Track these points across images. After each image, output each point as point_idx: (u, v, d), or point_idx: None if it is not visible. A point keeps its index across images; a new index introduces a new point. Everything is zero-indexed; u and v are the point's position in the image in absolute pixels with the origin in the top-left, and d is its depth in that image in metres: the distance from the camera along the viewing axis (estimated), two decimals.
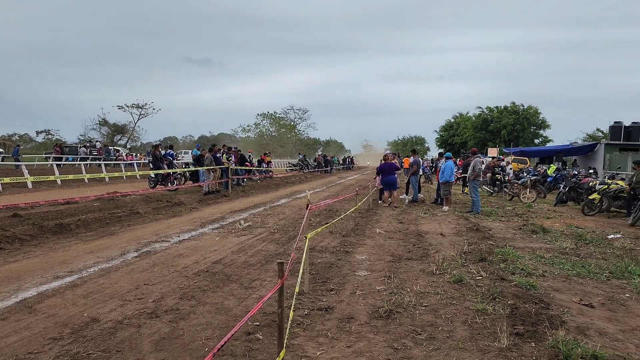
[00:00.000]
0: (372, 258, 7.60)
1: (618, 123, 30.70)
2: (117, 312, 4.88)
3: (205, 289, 5.76)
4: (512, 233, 10.39)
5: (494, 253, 7.79)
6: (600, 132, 49.09)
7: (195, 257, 7.50)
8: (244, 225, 10.70)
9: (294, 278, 5.81)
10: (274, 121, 77.79)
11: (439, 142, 71.27)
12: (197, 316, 4.80)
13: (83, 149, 36.94)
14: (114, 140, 59.38)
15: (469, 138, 59.90)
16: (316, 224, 10.92)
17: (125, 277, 6.22)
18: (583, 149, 32.71)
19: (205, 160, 18.64)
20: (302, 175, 34.81)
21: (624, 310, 5.27)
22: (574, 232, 10.49)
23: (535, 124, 58.11)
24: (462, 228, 10.79)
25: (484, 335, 4.35)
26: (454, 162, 21.54)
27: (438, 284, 6.02)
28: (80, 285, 5.83)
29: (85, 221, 10.32)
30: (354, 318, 4.79)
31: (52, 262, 7.05)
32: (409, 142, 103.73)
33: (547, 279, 6.42)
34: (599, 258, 7.89)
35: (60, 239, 8.83)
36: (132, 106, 62.32)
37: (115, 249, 8.02)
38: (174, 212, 12.90)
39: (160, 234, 9.50)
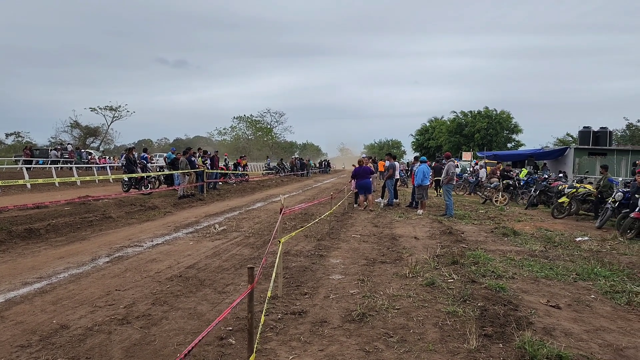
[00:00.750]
0: (347, 262, 7.65)
1: (587, 128, 31.44)
2: (87, 318, 4.82)
3: (178, 294, 5.72)
4: (484, 236, 10.57)
5: (466, 256, 7.92)
6: (570, 137, 50.21)
7: (169, 261, 7.44)
8: (218, 229, 10.65)
9: (268, 282, 5.81)
10: (251, 124, 77.47)
11: (414, 145, 72.00)
12: (170, 322, 4.77)
13: (54, 152, 36.17)
14: (86, 143, 58.25)
15: (444, 142, 60.68)
16: (291, 227, 10.93)
17: (96, 283, 6.14)
18: (553, 153, 33.38)
19: (180, 164, 18.47)
20: (279, 179, 34.75)
21: (589, 311, 5.43)
22: (544, 235, 10.74)
23: (508, 129, 59.19)
24: (435, 231, 10.94)
25: (453, 337, 4.43)
26: (429, 166, 21.76)
27: (411, 287, 6.10)
28: (50, 292, 5.73)
29: (55, 226, 10.13)
30: (327, 322, 4.82)
31: (21, 268, 6.91)
32: (385, 146, 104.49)
33: (516, 281, 6.56)
34: (567, 260, 8.10)
35: (29, 244, 8.65)
36: (105, 108, 61.26)
37: (86, 254, 7.90)
38: (148, 216, 12.75)
39: (133, 238, 9.39)
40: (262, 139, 77.79)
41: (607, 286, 6.37)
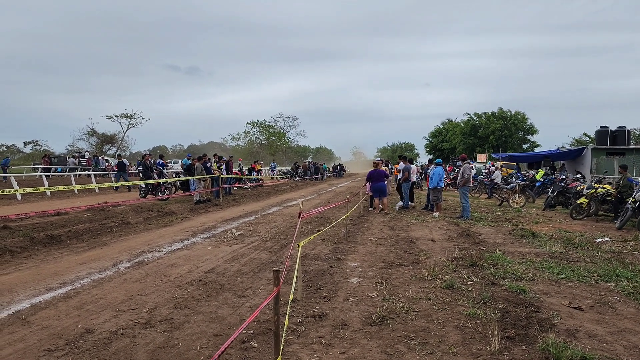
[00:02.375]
0: (364, 265, 7.66)
1: (604, 128, 31.10)
2: (111, 322, 4.89)
3: (199, 298, 5.78)
4: (502, 238, 10.50)
5: (485, 258, 7.88)
6: (587, 137, 49.65)
7: (188, 266, 7.51)
8: (235, 234, 10.72)
9: (288, 286, 5.84)
10: (264, 129, 77.77)
11: (428, 148, 71.74)
12: (192, 325, 4.82)
13: (72, 160, 36.71)
14: (102, 150, 59.05)
15: (458, 144, 60.32)
16: (308, 231, 10.96)
17: (119, 288, 6.22)
18: (570, 153, 33.06)
19: (196, 170, 18.63)
20: (293, 183, 34.83)
21: (613, 312, 5.37)
22: (563, 236, 10.63)
23: (523, 130, 58.65)
24: (452, 234, 10.89)
25: (475, 339, 4.42)
26: (444, 168, 21.65)
27: (430, 290, 6.09)
28: (74, 297, 5.82)
29: (76, 232, 10.29)
30: (347, 325, 4.83)
31: (44, 273, 7.03)
32: (398, 149, 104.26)
33: (536, 283, 6.51)
34: (588, 261, 8.01)
35: (51, 250, 8.79)
36: (121, 116, 62.08)
37: (107, 259, 8.01)
38: (165, 221, 12.88)
39: (152, 243, 9.49)
40: (276, 144, 78.02)
41: (630, 287, 6.29)
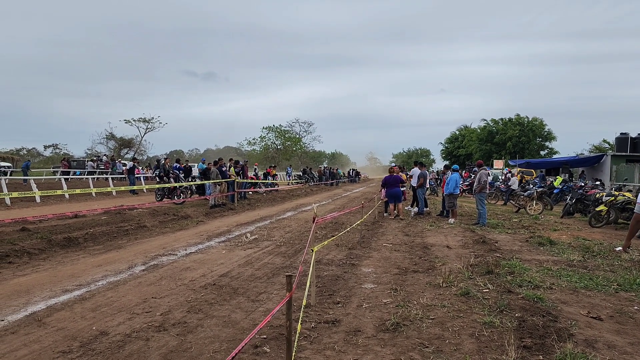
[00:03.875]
0: (379, 271, 7.60)
1: (624, 134, 30.64)
2: (126, 325, 4.91)
3: (213, 302, 5.78)
4: (518, 245, 10.35)
5: (501, 265, 7.77)
6: (607, 144, 48.91)
7: (202, 270, 7.53)
8: (250, 238, 10.73)
9: (301, 291, 5.82)
10: (279, 134, 77.93)
11: (444, 154, 71.36)
12: (205, 329, 4.82)
13: (90, 163, 37.22)
14: (120, 154, 59.75)
15: (475, 150, 59.88)
16: (322, 236, 10.93)
17: (133, 291, 6.26)
18: (589, 160, 32.59)
19: (212, 174, 18.74)
20: (308, 188, 34.85)
21: (633, 322, 5.25)
22: (581, 244, 10.44)
23: (541, 136, 58.02)
24: (468, 240, 10.77)
25: (491, 348, 4.34)
26: (460, 174, 21.47)
27: (445, 297, 6.02)
28: (89, 299, 5.87)
29: (93, 235, 10.40)
30: (360, 331, 4.79)
31: (61, 275, 7.10)
32: (414, 154, 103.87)
33: (554, 292, 6.39)
34: (607, 270, 7.85)
35: (68, 252, 8.89)
36: (139, 120, 62.78)
37: (123, 262, 8.07)
38: (181, 225, 12.95)
39: (167, 247, 9.55)
40: (291, 149, 78.11)
41: None
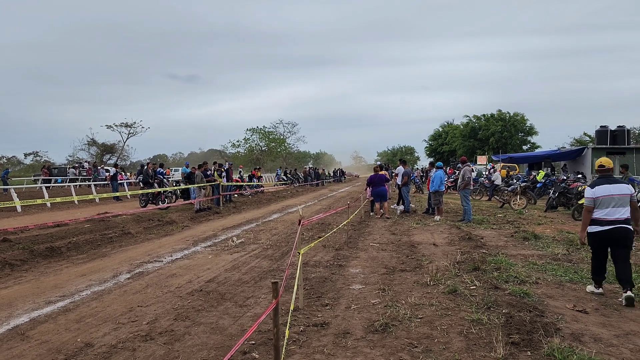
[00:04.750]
0: (366, 271, 7.60)
1: (604, 127, 31.09)
2: (111, 335, 4.84)
3: (200, 308, 5.73)
4: (504, 241, 10.44)
5: (487, 262, 7.82)
6: (588, 137, 49.57)
7: (189, 276, 7.46)
8: (236, 242, 10.67)
9: (289, 294, 5.79)
10: (264, 136, 77.68)
11: (428, 151, 71.77)
12: (192, 337, 4.76)
13: (72, 170, 36.72)
14: (103, 160, 59.02)
15: (458, 146, 60.34)
16: (309, 238, 10.91)
17: (119, 300, 6.17)
18: (571, 153, 33.03)
19: (196, 178, 18.61)
20: (293, 189, 34.79)
21: (618, 315, 5.31)
22: (565, 238, 10.55)
23: (523, 131, 58.66)
24: (454, 237, 10.83)
25: (480, 345, 4.36)
26: (444, 171, 21.57)
27: (432, 295, 6.03)
28: (73, 310, 5.77)
29: (76, 244, 10.24)
30: (349, 333, 4.78)
31: (44, 286, 6.98)
32: (398, 152, 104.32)
33: (540, 286, 6.45)
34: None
35: (51, 262, 8.74)
36: (121, 125, 62.05)
37: (107, 271, 7.96)
38: (166, 231, 12.83)
39: (152, 254, 9.44)
40: (276, 150, 77.92)
41: (634, 289, 6.21)
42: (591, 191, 6.03)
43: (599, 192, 5.94)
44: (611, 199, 5.86)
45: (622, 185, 6.00)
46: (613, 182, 6.02)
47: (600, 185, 5.99)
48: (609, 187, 5.94)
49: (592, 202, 5.99)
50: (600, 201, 5.91)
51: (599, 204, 5.92)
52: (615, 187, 5.93)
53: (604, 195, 5.90)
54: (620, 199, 5.86)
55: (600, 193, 5.93)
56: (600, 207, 5.91)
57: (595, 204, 5.95)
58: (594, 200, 5.96)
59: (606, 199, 5.88)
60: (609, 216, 5.86)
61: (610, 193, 5.88)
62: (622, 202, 5.86)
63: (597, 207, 5.94)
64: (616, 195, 5.87)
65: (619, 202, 5.85)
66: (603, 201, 5.90)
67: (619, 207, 5.85)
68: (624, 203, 5.87)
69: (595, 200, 5.95)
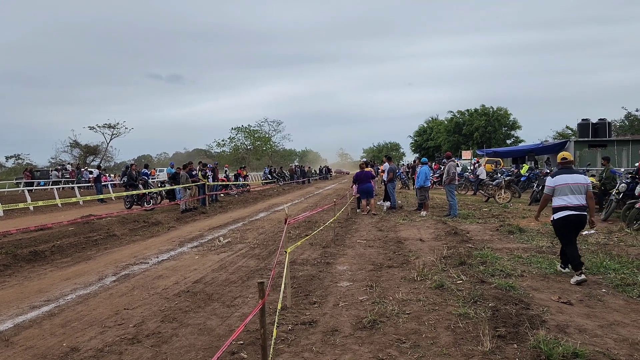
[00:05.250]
0: (354, 268, 7.62)
1: (585, 120, 31.49)
2: (98, 339, 4.79)
3: (187, 309, 5.69)
4: (489, 234, 10.53)
5: (473, 256, 7.89)
6: (570, 130, 50.19)
7: (175, 277, 7.41)
8: (223, 241, 10.62)
9: (277, 293, 5.78)
10: (249, 134, 77.36)
11: (413, 147, 72.14)
12: (180, 338, 4.73)
13: (55, 173, 36.19)
14: (86, 162, 58.29)
15: (443, 142, 60.75)
16: (296, 236, 10.90)
17: (104, 303, 6.11)
18: (554, 147, 33.35)
19: (181, 178, 18.47)
20: (280, 188, 34.73)
21: (602, 305, 5.39)
22: (549, 230, 10.67)
23: (507, 125, 59.25)
24: (440, 232, 10.90)
25: (467, 339, 4.40)
26: (430, 167, 21.68)
27: (420, 291, 6.07)
28: (58, 314, 5.70)
29: (60, 247, 10.11)
30: (338, 330, 4.79)
31: (28, 291, 6.88)
32: (384, 149, 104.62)
33: (525, 279, 6.52)
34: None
35: (35, 267, 8.62)
36: (104, 126, 61.33)
37: (92, 274, 7.87)
38: (152, 232, 12.73)
39: (138, 255, 9.36)
40: (261, 149, 77.67)
41: (617, 279, 6.33)
42: (552, 180, 6.69)
43: (558, 181, 6.59)
44: (568, 187, 6.50)
45: (579, 176, 6.65)
46: (572, 173, 6.66)
47: (560, 175, 6.64)
48: (567, 176, 6.58)
49: (551, 190, 6.67)
50: (559, 189, 6.56)
51: (558, 192, 6.57)
52: (573, 177, 6.58)
53: (563, 184, 6.54)
54: (577, 187, 6.51)
55: (560, 182, 6.57)
56: (560, 195, 6.56)
57: (554, 192, 6.61)
58: (554, 189, 6.61)
59: (564, 187, 6.52)
60: (571, 202, 6.48)
61: (567, 182, 6.53)
62: (579, 190, 6.50)
63: (557, 195, 6.60)
64: (572, 184, 6.51)
65: (576, 190, 6.49)
66: (562, 189, 6.54)
67: (577, 194, 6.49)
68: (580, 191, 6.51)
69: (555, 189, 6.60)
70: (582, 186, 6.50)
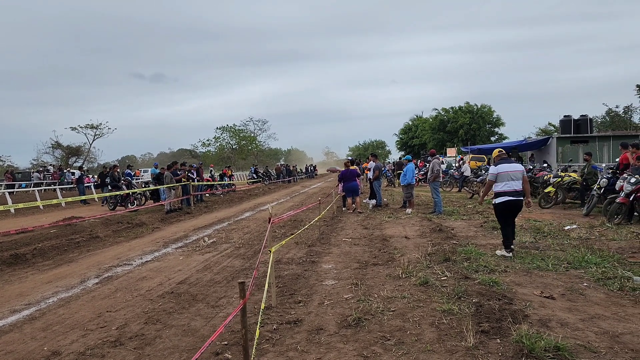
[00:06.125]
0: (339, 266, 7.62)
1: (567, 117, 31.81)
2: (79, 343, 4.72)
3: (171, 311, 5.64)
4: (474, 231, 10.61)
5: (457, 252, 7.94)
6: (552, 126, 50.73)
7: (159, 278, 7.34)
8: (208, 242, 10.55)
9: (261, 293, 5.75)
10: (234, 134, 76.96)
11: (399, 145, 72.33)
12: (164, 340, 4.69)
13: (36, 174, 35.67)
14: (68, 163, 57.50)
15: (428, 139, 61.01)
16: (281, 235, 10.87)
17: (87, 306, 6.03)
18: (537, 143, 33.67)
19: (165, 179, 18.32)
20: (266, 187, 34.63)
21: (583, 299, 5.46)
22: (532, 226, 10.81)
23: (490, 122, 59.67)
24: (425, 229, 10.95)
25: (451, 335, 4.42)
26: (415, 164, 21.75)
27: (404, 288, 6.09)
28: (39, 318, 5.61)
29: (41, 250, 9.96)
30: (323, 329, 4.78)
31: (8, 295, 6.77)
32: (370, 147, 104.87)
33: (509, 274, 6.58)
34: (557, 250, 8.15)
35: (15, 270, 8.48)
36: (86, 127, 60.48)
37: (74, 276, 7.77)
38: (136, 233, 12.60)
39: (121, 257, 9.26)
40: (247, 148, 77.31)
41: (598, 273, 6.42)
42: (495, 168, 7.98)
43: (500, 169, 7.86)
44: (508, 175, 7.78)
45: (516, 165, 8.03)
46: (510, 163, 8.01)
47: (502, 164, 7.93)
48: (507, 166, 7.89)
49: (494, 177, 7.94)
50: (501, 176, 7.82)
51: (500, 178, 7.82)
52: (511, 166, 7.89)
53: (503, 172, 7.82)
54: (515, 174, 7.78)
55: (501, 170, 7.86)
56: (501, 181, 7.81)
57: (497, 179, 7.87)
58: (497, 176, 7.87)
59: (505, 174, 7.80)
60: (510, 188, 7.73)
61: (507, 170, 7.81)
62: (516, 177, 7.77)
63: (499, 181, 7.85)
64: (511, 171, 7.79)
65: (514, 176, 7.76)
66: (503, 176, 7.82)
67: (515, 180, 7.75)
68: (518, 177, 7.77)
69: (497, 176, 7.86)
70: (519, 173, 7.80)
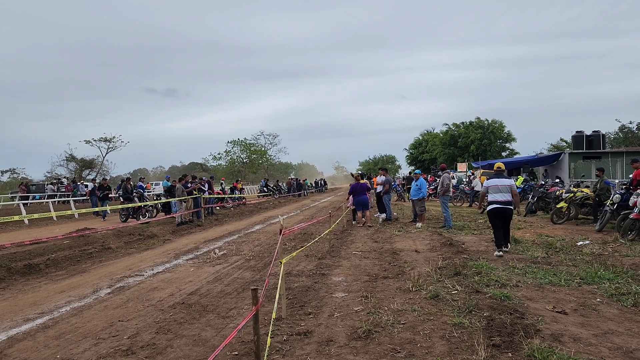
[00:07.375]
0: (349, 279, 7.61)
1: (580, 132, 31.64)
2: (91, 351, 4.76)
3: (182, 321, 5.67)
4: (484, 245, 10.55)
5: (468, 266, 7.90)
6: (564, 142, 50.39)
7: (170, 289, 7.38)
8: (218, 254, 10.60)
9: (272, 304, 5.77)
10: (245, 148, 77.37)
11: (409, 159, 72.19)
12: (175, 350, 4.72)
13: (50, 186, 36.11)
14: (82, 176, 58.12)
15: (439, 154, 60.86)
16: (291, 248, 10.89)
17: (99, 315, 6.08)
18: (548, 159, 33.48)
19: (177, 191, 18.45)
20: (275, 200, 34.70)
21: (596, 314, 5.41)
22: (545, 241, 10.72)
23: (502, 138, 59.43)
24: (436, 243, 10.91)
25: (461, 349, 4.40)
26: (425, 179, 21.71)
27: (415, 301, 6.07)
28: (52, 327, 5.67)
29: (55, 260, 10.07)
30: (333, 340, 4.78)
31: (22, 304, 6.84)
32: (380, 161, 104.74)
33: (520, 289, 6.53)
34: (570, 265, 8.08)
35: (29, 280, 8.58)
36: (100, 140, 61.21)
37: (87, 286, 7.84)
38: (147, 245, 12.69)
39: (133, 268, 9.33)
40: (257, 162, 77.61)
41: (612, 289, 6.35)
42: (487, 182, 9.50)
43: (490, 183, 9.37)
44: (496, 188, 9.21)
45: (506, 179, 9.35)
46: (501, 177, 9.36)
47: (492, 179, 9.39)
48: (497, 180, 9.30)
49: (485, 189, 9.51)
50: (491, 188, 9.29)
51: (490, 190, 9.29)
52: (501, 180, 9.27)
53: (493, 185, 9.28)
54: (503, 187, 9.14)
55: (491, 183, 9.33)
56: (491, 193, 9.29)
57: (488, 190, 9.35)
58: (488, 188, 9.37)
59: (494, 187, 9.25)
60: (497, 198, 9.18)
61: (496, 184, 9.23)
62: (504, 190, 9.14)
63: (489, 193, 9.32)
64: (500, 185, 9.19)
65: (503, 189, 9.14)
66: (492, 188, 9.27)
67: (504, 193, 9.14)
68: (506, 190, 9.13)
69: (488, 188, 9.35)
70: (507, 187, 9.14)
